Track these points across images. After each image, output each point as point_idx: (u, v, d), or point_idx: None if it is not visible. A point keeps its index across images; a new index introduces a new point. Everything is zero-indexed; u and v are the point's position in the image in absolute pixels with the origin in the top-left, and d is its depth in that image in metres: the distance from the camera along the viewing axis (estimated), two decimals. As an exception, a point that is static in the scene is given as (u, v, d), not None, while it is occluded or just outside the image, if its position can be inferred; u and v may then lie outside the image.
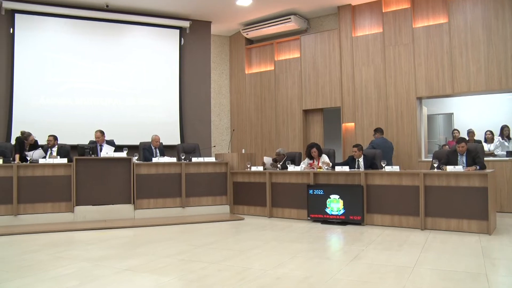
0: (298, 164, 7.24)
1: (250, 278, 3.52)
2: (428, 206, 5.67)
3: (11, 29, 8.58)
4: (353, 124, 9.10)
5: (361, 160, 6.74)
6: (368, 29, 9.02)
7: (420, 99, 8.51)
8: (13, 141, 7.82)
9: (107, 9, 9.12)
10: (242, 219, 6.87)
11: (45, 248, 4.86)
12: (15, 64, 8.56)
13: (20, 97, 8.57)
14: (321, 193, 6.35)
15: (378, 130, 8.00)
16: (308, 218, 6.50)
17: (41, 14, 8.77)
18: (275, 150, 8.32)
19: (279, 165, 7.37)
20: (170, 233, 5.80)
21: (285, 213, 6.92)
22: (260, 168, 7.31)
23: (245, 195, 7.37)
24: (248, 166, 7.42)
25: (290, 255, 4.33)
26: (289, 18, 9.60)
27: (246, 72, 10.84)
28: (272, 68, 10.38)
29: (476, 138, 8.07)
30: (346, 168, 6.42)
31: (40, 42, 8.81)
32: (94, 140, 7.43)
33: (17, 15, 8.61)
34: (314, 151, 7.11)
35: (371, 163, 6.70)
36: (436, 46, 8.17)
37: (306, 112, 9.92)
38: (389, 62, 8.66)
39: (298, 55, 9.97)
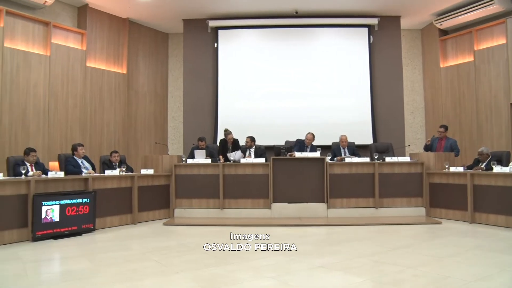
0: (506, 165, 6.49)
1: None
2: None
3: (216, 44, 10.10)
4: None
5: None
6: None
7: None
8: (218, 143, 9.01)
9: (296, 15, 9.80)
10: (440, 223, 6.52)
11: (246, 240, 5.44)
12: (219, 74, 10.08)
13: (223, 104, 10.01)
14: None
15: None
16: (520, 226, 5.80)
17: (239, 28, 10.11)
18: (476, 149, 7.61)
19: (482, 166, 6.76)
20: (364, 233, 5.88)
21: (490, 219, 6.28)
22: (460, 169, 6.81)
23: (443, 197, 6.95)
24: (446, 166, 7.00)
25: (497, 267, 3.96)
26: (491, 0, 8.63)
27: (441, 66, 10.15)
28: (471, 59, 9.48)
29: None
30: None
31: (238, 53, 10.13)
32: (301, 139, 7.93)
33: (220, 31, 10.14)
34: (526, 150, 6.28)
35: None
36: None
37: (515, 105, 8.77)
38: None
39: (504, 41, 8.85)
